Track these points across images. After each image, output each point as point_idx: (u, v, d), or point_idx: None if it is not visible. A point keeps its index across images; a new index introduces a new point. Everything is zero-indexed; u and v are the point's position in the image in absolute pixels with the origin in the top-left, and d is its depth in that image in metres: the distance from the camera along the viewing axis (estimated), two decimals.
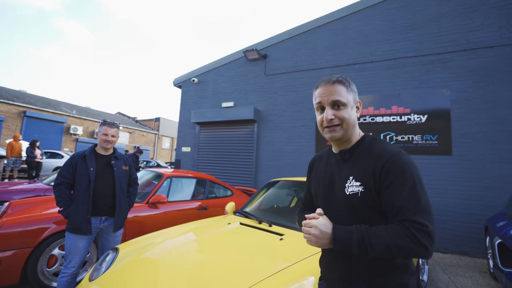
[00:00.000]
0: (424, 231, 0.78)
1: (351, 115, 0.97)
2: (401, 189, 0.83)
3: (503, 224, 3.14)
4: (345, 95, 0.96)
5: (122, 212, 2.28)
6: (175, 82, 8.59)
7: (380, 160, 0.88)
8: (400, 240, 0.79)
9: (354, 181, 0.92)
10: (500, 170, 4.45)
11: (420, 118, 5.12)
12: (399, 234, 0.79)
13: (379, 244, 0.80)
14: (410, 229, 0.79)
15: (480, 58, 4.87)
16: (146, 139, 25.98)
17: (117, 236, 2.30)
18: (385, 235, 0.81)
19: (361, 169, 0.92)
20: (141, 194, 3.77)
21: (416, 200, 0.82)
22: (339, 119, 0.95)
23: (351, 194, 0.91)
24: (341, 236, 0.86)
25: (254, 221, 2.38)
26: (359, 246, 0.83)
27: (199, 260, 1.73)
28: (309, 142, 6.12)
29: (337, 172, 1.00)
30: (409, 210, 0.81)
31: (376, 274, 0.89)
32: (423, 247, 0.78)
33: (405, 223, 0.80)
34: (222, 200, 4.43)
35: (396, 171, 0.85)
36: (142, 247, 2.03)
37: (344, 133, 0.97)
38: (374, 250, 0.81)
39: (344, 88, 0.97)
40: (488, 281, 3.32)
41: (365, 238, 0.83)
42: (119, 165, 2.33)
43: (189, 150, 7.85)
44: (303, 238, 1.97)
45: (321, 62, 6.27)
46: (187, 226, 2.55)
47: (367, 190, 0.88)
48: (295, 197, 3.08)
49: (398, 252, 0.79)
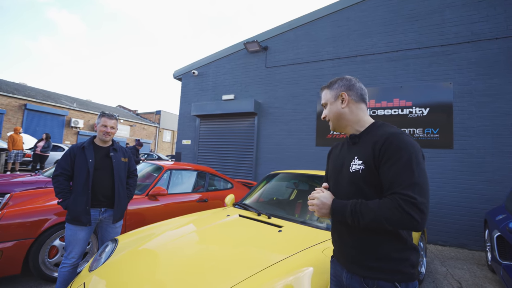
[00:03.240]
0: (411, 203, 0.84)
1: (331, 110, 1.16)
2: (395, 165, 0.90)
3: (502, 217, 3.14)
4: (326, 95, 1.18)
5: (121, 204, 2.28)
6: (175, 75, 8.52)
7: (381, 139, 0.97)
8: (387, 211, 0.86)
9: (357, 160, 1.03)
10: (501, 163, 4.43)
11: (422, 111, 5.07)
12: (387, 205, 0.87)
13: (368, 214, 0.90)
14: (397, 200, 0.86)
15: (484, 50, 4.78)
16: (147, 132, 25.98)
17: (117, 227, 2.31)
18: (375, 206, 0.90)
19: (364, 149, 1.03)
20: (141, 186, 3.78)
21: (408, 175, 0.88)
22: (327, 116, 1.19)
23: (354, 171, 1.02)
24: (338, 207, 0.99)
25: (253, 213, 2.38)
26: (352, 216, 0.94)
27: (197, 251, 1.73)
28: (310, 135, 6.10)
29: (346, 154, 1.13)
30: (400, 184, 0.87)
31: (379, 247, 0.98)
32: (410, 216, 0.83)
33: (394, 195, 0.87)
34: (222, 192, 4.44)
35: (394, 149, 0.92)
36: (141, 238, 2.04)
37: (334, 125, 1.17)
38: (364, 219, 0.91)
39: (327, 89, 1.19)
40: (486, 273, 3.34)
41: (357, 209, 0.93)
42: (118, 157, 2.32)
43: (190, 143, 7.84)
44: (302, 230, 2.00)
45: (322, 54, 6.19)
46: (187, 218, 2.56)
47: (368, 167, 0.98)
48: (295, 190, 3.08)
49: (386, 222, 0.87)
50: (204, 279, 1.36)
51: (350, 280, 1.04)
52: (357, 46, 5.82)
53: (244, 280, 1.32)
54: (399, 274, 0.96)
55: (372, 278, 0.98)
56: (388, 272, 0.96)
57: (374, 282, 0.97)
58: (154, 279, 1.42)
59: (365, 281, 0.99)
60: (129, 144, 18.70)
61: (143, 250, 1.84)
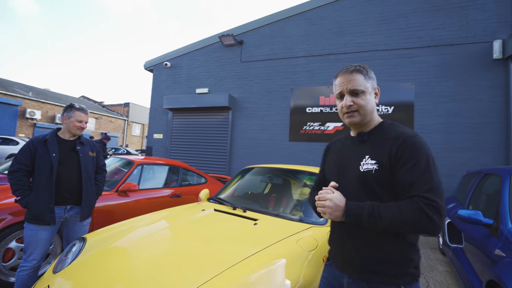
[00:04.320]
0: (433, 206, 0.83)
1: (369, 102, 1.02)
2: (415, 167, 0.88)
3: (452, 206, 3.49)
4: (363, 82, 1.02)
5: (89, 200, 2.15)
6: (146, 66, 8.13)
7: (397, 140, 0.93)
8: (409, 213, 0.83)
9: (370, 159, 0.97)
10: (452, 158, 4.91)
11: (388, 109, 5.41)
12: (408, 208, 0.84)
13: (388, 216, 0.85)
14: (419, 203, 0.83)
15: (441, 55, 5.22)
16: (115, 125, 24.56)
17: (84, 225, 2.18)
18: (395, 208, 0.86)
19: (378, 149, 0.97)
20: (110, 182, 3.60)
21: (428, 179, 0.87)
22: (357, 105, 1.01)
23: (365, 170, 0.96)
24: (352, 210, 0.91)
25: (229, 207, 2.38)
26: (369, 218, 0.88)
27: (171, 247, 1.70)
28: (283, 130, 6.21)
29: (353, 152, 1.06)
30: (421, 187, 0.86)
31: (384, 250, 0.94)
32: (431, 220, 0.82)
33: (415, 198, 0.85)
34: (195, 187, 4.37)
35: (412, 151, 0.90)
36: (111, 236, 1.95)
37: (362, 118, 1.03)
38: (383, 221, 0.86)
39: (362, 76, 1.02)
40: (437, 256, 3.72)
41: (375, 211, 0.88)
42: (85, 151, 2.18)
43: (161, 137, 7.58)
44: (277, 223, 2.05)
45: (297, 51, 6.30)
46: (160, 213, 2.49)
47: (382, 167, 0.94)
48: (269, 184, 3.13)
49: (406, 225, 0.84)
50: (177, 275, 1.34)
51: (352, 284, 1.00)
52: (330, 44, 6.01)
53: (218, 274, 1.32)
54: (404, 276, 0.93)
55: (377, 282, 0.94)
56: (393, 275, 0.93)
57: (379, 287, 0.94)
58: (125, 278, 1.37)
59: (369, 286, 0.95)
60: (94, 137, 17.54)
61: (113, 248, 1.76)
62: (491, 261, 1.85)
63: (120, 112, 26.63)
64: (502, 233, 1.88)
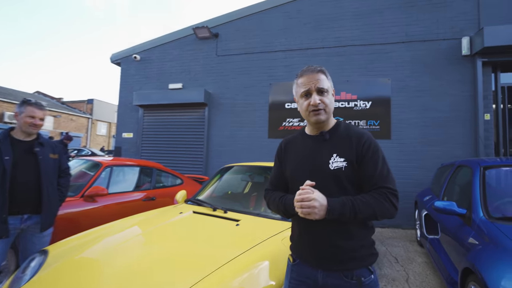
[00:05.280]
0: (395, 195, 1.03)
1: (332, 101, 1.14)
2: (377, 163, 1.06)
3: (428, 198, 3.72)
4: (327, 82, 1.12)
5: (51, 208, 2.00)
6: (113, 58, 7.74)
7: (361, 140, 1.09)
8: (381, 204, 1.01)
9: (338, 157, 1.08)
10: (427, 151, 5.23)
11: (365, 104, 5.62)
12: (378, 198, 1.01)
13: (366, 209, 1.00)
14: (386, 194, 1.02)
15: (415, 50, 5.51)
16: (77, 124, 23.18)
17: (45, 236, 2.02)
18: (369, 201, 1.01)
19: (344, 147, 1.09)
20: (74, 186, 3.40)
21: (387, 171, 1.07)
22: (324, 104, 1.10)
23: (336, 168, 1.06)
24: (336, 207, 0.99)
25: (208, 209, 2.34)
26: (350, 213, 0.98)
27: (147, 254, 1.63)
28: (262, 127, 6.23)
29: (317, 150, 1.13)
30: (384, 179, 1.04)
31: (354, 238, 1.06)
32: (394, 207, 1.02)
33: (381, 189, 1.03)
34: (171, 189, 4.26)
35: (372, 149, 1.08)
36: (78, 246, 1.83)
37: (327, 117, 1.12)
38: (362, 214, 0.99)
39: (325, 76, 1.13)
40: (416, 248, 3.95)
41: (355, 205, 0.99)
42: (46, 153, 2.02)
43: (132, 136, 7.28)
44: (259, 222, 2.05)
45: (275, 45, 6.33)
46: (133, 218, 2.40)
47: (350, 164, 1.06)
48: (250, 182, 3.12)
49: (378, 214, 1.01)
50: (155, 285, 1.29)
51: (327, 278, 1.07)
52: (308, 39, 6.10)
53: (201, 280, 1.29)
54: (370, 257, 1.08)
55: (351, 269, 1.04)
56: (361, 259, 1.06)
57: (353, 273, 1.04)
58: None
59: (344, 274, 1.05)
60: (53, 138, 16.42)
61: (80, 259, 1.66)
62: (465, 249, 1.99)
63: (83, 109, 25.16)
64: (474, 222, 2.03)
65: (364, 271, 1.06)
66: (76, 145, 21.29)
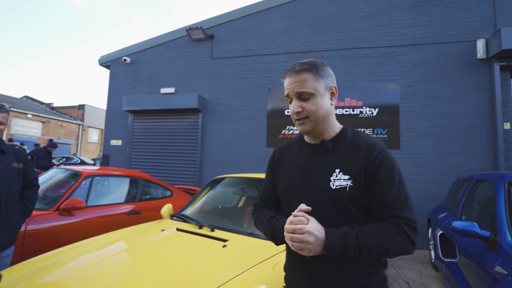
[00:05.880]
0: (413, 227, 0.87)
1: (320, 106, 0.95)
2: (391, 184, 0.90)
3: (443, 215, 3.55)
4: (312, 83, 0.94)
5: (11, 224, 1.86)
6: (101, 61, 7.71)
7: (371, 153, 0.92)
8: (394, 239, 0.85)
9: (342, 174, 0.92)
10: (440, 163, 5.07)
11: (372, 111, 5.51)
12: (393, 232, 0.85)
13: (375, 245, 0.84)
14: (401, 225, 0.86)
15: (425, 53, 5.42)
16: (67, 130, 23.15)
17: (3, 257, 1.88)
18: (379, 236, 0.85)
19: (349, 162, 0.93)
20: (50, 198, 3.29)
21: (405, 196, 0.90)
22: (306, 111, 0.95)
23: (339, 188, 0.91)
24: (336, 242, 0.83)
25: (194, 226, 2.22)
26: (354, 252, 0.83)
27: (121, 278, 1.51)
28: (260, 135, 6.11)
29: (317, 162, 0.99)
30: (400, 207, 0.88)
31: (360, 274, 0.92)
32: (412, 242, 0.87)
33: (396, 219, 0.87)
34: (159, 201, 4.12)
35: (387, 166, 0.91)
36: (43, 268, 1.70)
37: (313, 125, 0.97)
38: (370, 253, 0.84)
39: (311, 75, 0.95)
40: (430, 272, 3.74)
41: (360, 242, 0.84)
42: (7, 161, 1.89)
43: (120, 144, 7.17)
44: (250, 243, 1.90)
45: (273, 48, 6.27)
46: (111, 235, 2.30)
47: (357, 183, 0.90)
48: (243, 196, 2.99)
49: (392, 251, 0.86)
50: None
51: None
52: (309, 41, 6.05)
53: None
54: None
55: None
56: None
57: None
58: None
59: None
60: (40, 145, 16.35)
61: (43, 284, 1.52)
62: (492, 278, 1.82)
63: (74, 115, 25.20)
64: (501, 247, 1.86)
65: None
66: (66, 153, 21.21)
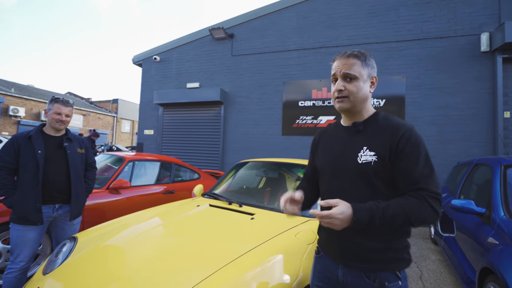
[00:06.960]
0: (437, 199, 0.87)
1: (361, 89, 0.98)
2: (416, 161, 0.89)
3: (444, 196, 3.56)
4: (358, 69, 0.98)
5: (79, 199, 2.07)
6: (134, 60, 7.91)
7: (397, 132, 0.92)
8: (418, 209, 0.85)
9: (368, 151, 0.95)
10: (443, 149, 5.00)
11: (379, 102, 5.45)
12: (417, 204, 0.85)
13: (400, 217, 0.85)
14: (426, 197, 0.86)
15: (431, 47, 5.26)
16: (103, 122, 23.97)
17: (74, 224, 2.10)
18: (405, 207, 0.86)
19: (376, 140, 0.95)
20: (100, 179, 3.50)
21: (430, 171, 0.90)
22: (348, 91, 0.98)
23: (364, 162, 0.94)
24: (363, 217, 0.85)
25: (224, 202, 2.34)
26: (380, 223, 0.86)
27: (166, 245, 1.65)
28: (276, 124, 6.18)
29: (349, 142, 1.02)
30: (424, 180, 0.88)
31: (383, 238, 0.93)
32: (435, 213, 0.86)
33: (420, 192, 0.87)
34: (189, 183, 4.31)
35: (412, 144, 0.90)
36: (104, 235, 1.88)
37: (352, 105, 0.99)
38: (395, 223, 0.86)
39: (359, 61, 0.99)
40: (429, 245, 3.80)
41: (385, 215, 0.85)
42: (73, 148, 2.08)
43: (152, 133, 7.44)
44: (274, 217, 2.02)
45: (288, 44, 6.24)
46: (153, 210, 2.44)
47: (381, 159, 0.92)
48: (264, 178, 3.10)
49: (416, 221, 0.86)
50: (172, 274, 1.30)
51: (348, 275, 0.98)
52: (322, 37, 5.97)
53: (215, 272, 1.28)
54: (400, 262, 0.95)
55: (374, 270, 0.94)
56: (389, 262, 0.94)
57: (376, 274, 0.93)
58: (119, 278, 1.31)
59: (365, 274, 0.94)
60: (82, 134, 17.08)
61: (105, 247, 1.70)
62: (484, 249, 1.88)
63: (109, 108, 26.00)
64: (494, 222, 1.91)
65: (390, 275, 0.93)
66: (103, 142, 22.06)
